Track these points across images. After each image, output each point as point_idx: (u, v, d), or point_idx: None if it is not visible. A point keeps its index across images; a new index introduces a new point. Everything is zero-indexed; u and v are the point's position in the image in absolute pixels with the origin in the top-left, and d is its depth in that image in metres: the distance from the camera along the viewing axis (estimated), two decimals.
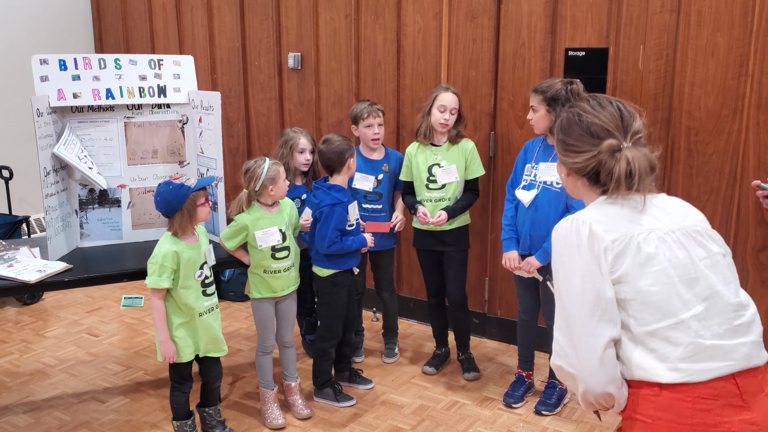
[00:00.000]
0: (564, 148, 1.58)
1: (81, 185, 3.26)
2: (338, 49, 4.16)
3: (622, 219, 1.49)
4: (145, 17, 5.07)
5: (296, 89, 4.41)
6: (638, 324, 1.45)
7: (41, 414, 3.16)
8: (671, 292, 1.44)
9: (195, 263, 2.71)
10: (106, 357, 3.76)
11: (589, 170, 1.54)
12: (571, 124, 1.57)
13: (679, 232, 1.50)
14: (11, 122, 4.87)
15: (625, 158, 1.49)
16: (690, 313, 1.44)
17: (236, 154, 4.74)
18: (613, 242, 1.45)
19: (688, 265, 1.47)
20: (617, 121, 1.54)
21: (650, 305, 1.44)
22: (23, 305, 4.51)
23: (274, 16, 4.38)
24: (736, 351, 1.45)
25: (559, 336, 1.51)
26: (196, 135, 3.32)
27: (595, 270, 1.45)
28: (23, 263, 2.91)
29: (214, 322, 2.79)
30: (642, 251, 1.45)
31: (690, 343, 1.43)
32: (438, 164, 3.28)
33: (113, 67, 3.23)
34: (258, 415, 3.11)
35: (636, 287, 1.45)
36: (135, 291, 4.64)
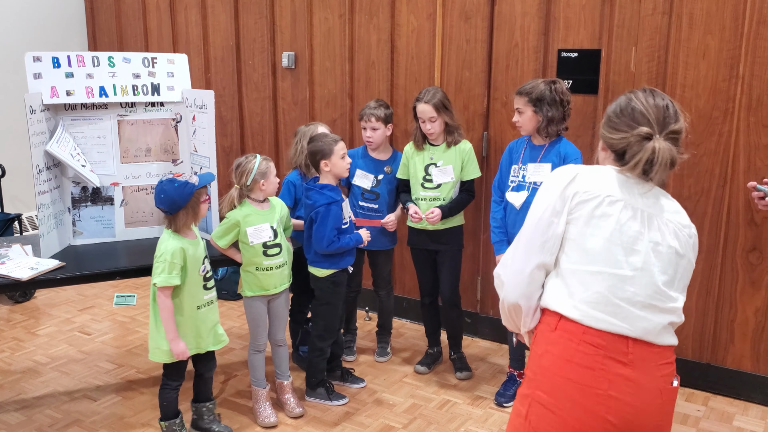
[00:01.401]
0: (607, 123, 1.70)
1: (74, 183, 3.25)
2: (332, 48, 4.17)
3: (606, 182, 1.63)
4: (138, 15, 5.07)
5: (290, 88, 4.41)
6: (567, 261, 1.63)
7: (33, 412, 3.15)
8: (607, 248, 1.59)
9: (198, 259, 2.73)
10: (98, 355, 3.76)
11: (618, 148, 1.66)
12: (621, 104, 1.69)
13: (648, 214, 1.62)
14: (3, 120, 4.86)
15: (652, 148, 1.59)
16: (614, 270, 1.58)
17: (230, 153, 4.74)
18: (585, 192, 1.62)
19: (635, 238, 1.59)
20: (660, 114, 1.63)
21: (583, 248, 1.60)
22: (15, 303, 4.49)
23: (269, 15, 4.38)
24: (638, 321, 1.57)
25: (510, 248, 1.74)
26: (190, 133, 3.32)
27: (558, 207, 1.63)
28: (15, 260, 2.91)
29: (213, 314, 2.81)
30: (601, 207, 1.60)
31: (600, 292, 1.57)
32: (434, 164, 3.30)
33: (107, 65, 3.23)
34: (250, 413, 3.12)
35: (581, 231, 1.61)
36: (127, 289, 4.64)
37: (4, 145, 4.83)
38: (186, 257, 2.68)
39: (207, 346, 2.80)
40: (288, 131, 4.38)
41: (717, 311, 3.27)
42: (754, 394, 3.25)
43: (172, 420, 2.85)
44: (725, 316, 3.26)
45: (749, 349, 3.23)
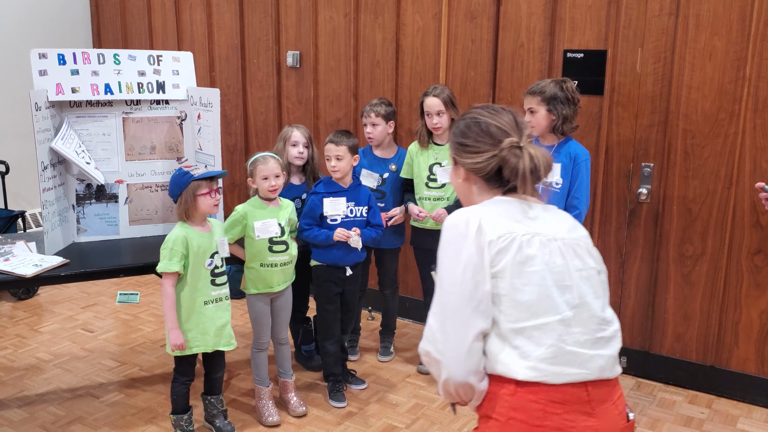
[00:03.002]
0: (463, 150, 1.61)
1: (78, 180, 3.25)
2: (337, 48, 4.17)
3: (511, 219, 1.53)
4: (144, 13, 5.07)
5: (294, 87, 4.41)
6: (507, 320, 1.48)
7: (35, 409, 3.15)
8: (543, 294, 1.48)
9: (205, 251, 2.73)
10: (100, 353, 3.76)
11: (489, 169, 1.57)
12: (469, 126, 1.61)
13: (561, 241, 1.54)
14: (8, 117, 4.86)
15: (528, 153, 1.54)
16: (557, 317, 1.47)
17: (234, 152, 4.74)
18: (498, 238, 1.49)
19: (563, 272, 1.50)
20: (513, 122, 1.59)
21: (521, 303, 1.47)
22: (18, 300, 4.49)
23: (274, 14, 4.38)
24: (593, 361, 1.49)
25: (433, 321, 1.53)
26: (195, 131, 3.32)
27: (477, 262, 1.48)
28: (19, 257, 2.91)
29: (221, 313, 2.79)
30: (523, 251, 1.48)
31: (552, 345, 1.46)
32: (439, 163, 3.29)
33: (112, 63, 3.23)
34: (253, 411, 3.11)
35: (511, 284, 1.47)
36: (131, 287, 4.63)
37: (8, 142, 4.84)
38: (189, 246, 2.69)
39: (215, 346, 2.79)
40: None
41: (721, 313, 3.26)
42: (758, 396, 3.24)
43: (180, 415, 2.85)
44: (730, 319, 3.25)
45: (754, 352, 3.22)
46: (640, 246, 3.40)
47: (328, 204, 3.08)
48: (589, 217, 3.37)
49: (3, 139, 4.83)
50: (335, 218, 3.09)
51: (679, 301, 3.35)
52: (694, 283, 3.30)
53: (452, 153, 1.67)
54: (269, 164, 2.94)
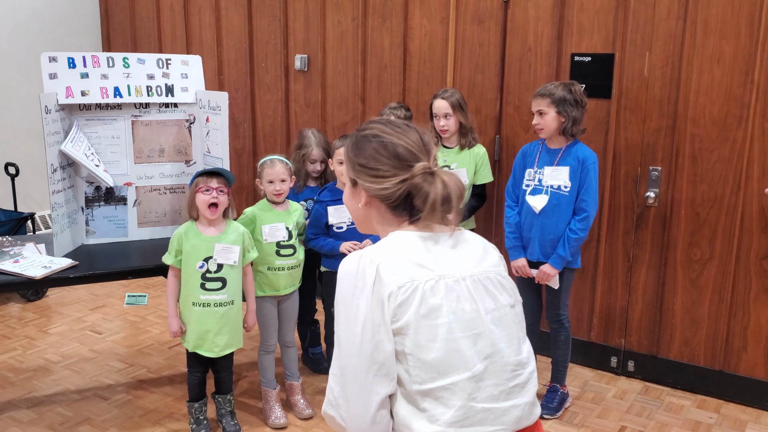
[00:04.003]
0: (367, 173, 1.41)
1: (87, 183, 3.27)
2: (345, 51, 4.18)
3: (414, 261, 1.35)
4: (153, 17, 5.10)
5: (302, 91, 4.43)
6: (412, 381, 1.31)
7: (44, 409, 3.17)
8: (451, 349, 1.31)
9: (198, 253, 2.74)
10: (109, 354, 3.77)
11: (397, 196, 1.39)
12: (373, 146, 1.41)
13: (470, 279, 1.37)
14: (18, 119, 4.89)
15: (441, 181, 1.37)
16: (467, 374, 1.32)
17: (242, 155, 4.76)
18: (398, 288, 1.30)
19: (474, 319, 1.34)
20: (420, 143, 1.41)
21: (427, 363, 1.30)
22: (27, 302, 4.52)
23: (282, 18, 4.40)
24: (508, 414, 1.36)
25: (334, 384, 1.36)
26: (203, 134, 3.34)
27: (377, 318, 1.30)
28: (29, 259, 2.93)
29: (206, 319, 2.77)
30: (426, 302, 1.31)
31: (462, 406, 1.31)
32: (447, 166, 3.30)
33: (121, 66, 3.25)
34: (260, 414, 3.12)
35: (416, 341, 1.30)
36: (139, 289, 4.66)
37: (18, 144, 4.87)
38: (182, 244, 2.76)
39: (195, 348, 2.82)
40: None
41: (730, 318, 3.25)
42: (767, 401, 3.23)
43: (192, 402, 2.94)
44: (738, 323, 3.24)
45: (762, 357, 3.21)
46: (648, 250, 3.39)
47: (333, 212, 3.09)
48: (596, 221, 3.37)
49: (13, 142, 4.86)
50: (341, 226, 3.10)
51: (687, 305, 3.34)
52: (702, 288, 3.29)
53: (351, 174, 1.46)
54: (276, 168, 2.95)
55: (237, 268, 2.79)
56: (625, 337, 3.53)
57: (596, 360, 3.63)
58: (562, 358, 3.19)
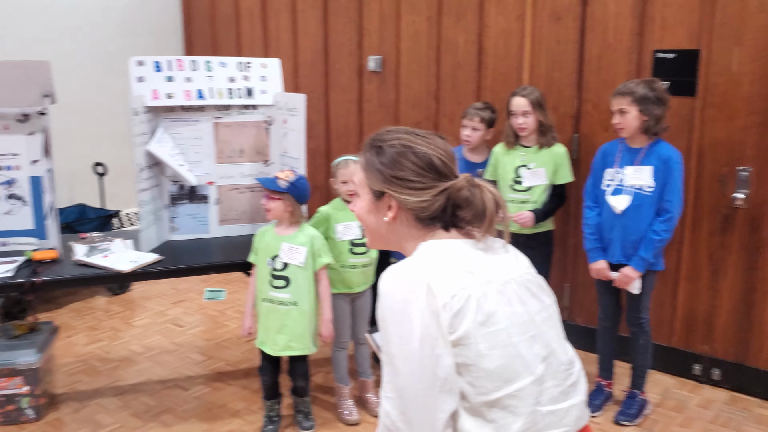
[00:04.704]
0: (404, 185, 1.37)
1: (172, 181, 3.40)
2: (419, 51, 4.19)
3: (460, 269, 1.30)
4: (232, 21, 5.25)
5: (376, 91, 4.46)
6: (477, 393, 1.26)
7: (129, 398, 3.32)
8: (512, 354, 1.27)
9: (269, 251, 2.85)
10: (189, 347, 3.91)
11: (436, 207, 1.36)
12: (405, 155, 1.37)
13: (514, 282, 1.35)
14: (107, 121, 5.10)
15: (488, 191, 1.36)
16: (531, 378, 1.29)
17: (316, 155, 4.84)
18: (452, 297, 1.25)
19: (527, 322, 1.31)
20: (449, 152, 1.41)
21: (491, 371, 1.25)
22: (113, 295, 4.74)
23: (357, 19, 4.45)
24: (569, 415, 1.33)
25: (390, 408, 1.27)
26: (281, 135, 3.42)
27: (434, 332, 1.23)
28: (117, 254, 3.07)
29: (272, 316, 2.85)
30: (482, 308, 1.26)
31: (530, 412, 1.28)
32: (526, 165, 3.26)
33: (204, 69, 3.36)
34: (333, 409, 3.17)
35: (477, 350, 1.25)
36: (218, 285, 4.80)
37: (106, 145, 5.09)
38: (259, 242, 2.90)
39: (261, 344, 2.91)
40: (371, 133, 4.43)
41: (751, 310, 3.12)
42: None
43: (265, 401, 3.01)
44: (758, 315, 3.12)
45: None
46: (735, 253, 3.24)
47: None
48: (679, 223, 3.25)
49: (102, 143, 5.09)
50: None
51: None
52: None
53: (379, 186, 1.40)
54: (349, 168, 2.99)
55: (304, 271, 2.83)
56: (710, 344, 3.39)
57: (678, 366, 3.50)
58: (642, 363, 3.09)
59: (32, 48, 4.63)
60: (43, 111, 3.02)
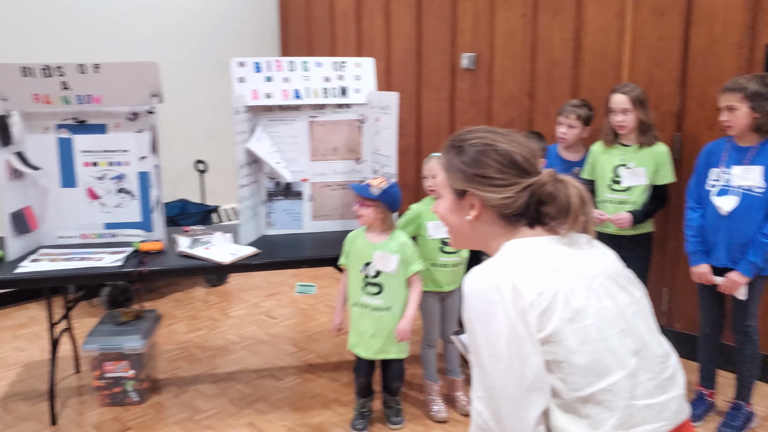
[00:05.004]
0: (486, 183, 1.37)
1: (269, 178, 3.52)
2: (513, 48, 4.14)
3: (545, 266, 1.30)
4: (327, 22, 5.36)
5: (468, 89, 4.44)
6: (569, 389, 1.25)
7: (225, 385, 3.46)
8: (603, 349, 1.26)
9: (361, 257, 2.87)
10: (282, 338, 4.04)
11: (520, 204, 1.36)
12: (487, 154, 1.38)
13: (602, 276, 1.33)
14: (208, 120, 5.33)
15: (574, 186, 1.36)
16: (624, 372, 1.27)
17: (406, 153, 4.86)
18: (538, 296, 1.25)
19: (617, 316, 1.30)
20: (531, 149, 1.40)
21: (582, 367, 1.25)
22: (211, 287, 4.95)
23: (450, 17, 4.44)
24: (667, 409, 1.30)
25: (482, 408, 1.28)
26: (373, 134, 3.46)
27: (521, 331, 1.24)
28: (218, 246, 3.21)
29: (364, 320, 2.89)
30: (570, 305, 1.26)
31: (626, 406, 1.26)
32: (625, 165, 3.16)
33: (301, 69, 3.45)
34: (422, 406, 3.18)
35: (567, 347, 1.25)
36: (308, 279, 4.90)
37: (207, 143, 5.32)
38: (350, 246, 2.94)
39: (353, 347, 2.95)
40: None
41: None
42: None
43: (358, 397, 3.07)
44: None
45: None
46: None
47: None
48: None
49: (204, 141, 5.32)
50: None
51: None
52: None
53: (461, 185, 1.41)
54: (430, 164, 3.01)
55: (396, 277, 2.85)
56: None
57: None
58: (748, 374, 2.93)
59: (138, 49, 4.89)
60: (151, 110, 3.20)
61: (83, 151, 3.29)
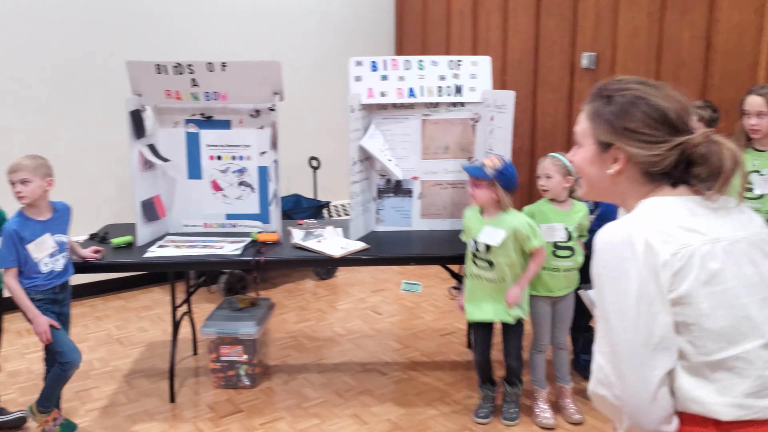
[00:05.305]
0: (635, 138, 1.31)
1: (380, 175, 3.57)
2: (637, 48, 3.97)
3: (682, 226, 1.25)
4: (443, 22, 5.37)
5: (587, 89, 4.27)
6: (699, 353, 1.22)
7: (331, 376, 3.54)
8: (739, 315, 1.21)
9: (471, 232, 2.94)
10: (387, 334, 4.08)
11: (668, 163, 1.30)
12: (637, 106, 1.32)
13: (745, 241, 1.27)
14: (324, 118, 5.46)
15: (728, 148, 1.28)
16: (760, 342, 1.22)
17: (519, 154, 4.78)
18: (672, 255, 1.21)
19: (758, 283, 1.24)
20: (684, 105, 1.33)
21: (714, 332, 1.21)
22: (320, 280, 5.09)
23: (571, 16, 4.33)
24: None
25: (604, 362, 1.26)
26: (487, 133, 3.43)
27: (652, 290, 1.20)
28: (329, 240, 3.29)
29: (478, 290, 2.94)
30: (706, 267, 1.21)
31: (759, 376, 1.21)
32: (758, 171, 2.96)
33: (416, 68, 3.48)
34: (529, 411, 3.12)
35: (698, 310, 1.21)
36: (414, 277, 4.94)
37: (320, 140, 5.46)
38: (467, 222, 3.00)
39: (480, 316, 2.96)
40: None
41: None
42: None
43: (480, 386, 3.11)
44: None
45: None
46: None
47: None
48: None
49: (318, 138, 5.46)
50: None
51: None
52: None
53: (607, 138, 1.35)
54: (543, 164, 2.97)
55: (506, 254, 2.84)
56: None
57: None
58: None
59: (257, 49, 5.10)
60: (272, 107, 3.33)
61: (209, 145, 3.48)
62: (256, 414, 3.16)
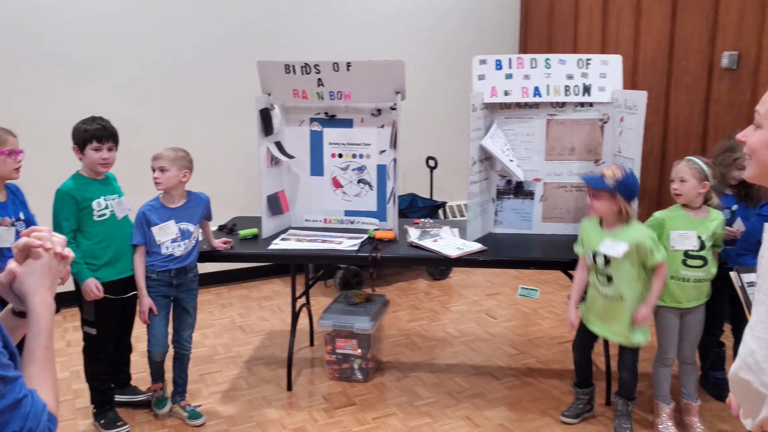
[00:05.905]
0: None
1: (500, 176, 3.51)
2: None
3: None
4: (570, 20, 5.20)
5: (727, 91, 4.02)
6: None
7: (443, 376, 3.52)
8: None
9: (590, 244, 2.85)
10: (501, 338, 4.01)
11: None
12: None
13: None
14: (443, 117, 5.45)
15: None
16: None
17: (648, 158, 4.53)
18: None
19: None
20: None
21: None
22: (433, 280, 5.08)
23: (711, 13, 4.05)
24: None
25: (757, 347, 1.15)
26: (616, 134, 3.29)
27: None
28: (445, 240, 3.28)
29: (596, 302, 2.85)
30: None
31: None
32: None
33: (543, 67, 3.38)
34: (650, 427, 2.96)
35: None
36: (531, 283, 4.84)
37: (438, 140, 5.45)
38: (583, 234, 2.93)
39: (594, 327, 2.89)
40: (719, 137, 4.00)
41: None
42: None
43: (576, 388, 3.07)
44: None
45: None
46: None
47: None
48: None
49: (436, 138, 5.46)
50: None
51: None
52: None
53: None
54: (677, 167, 2.83)
55: (626, 268, 2.72)
56: None
57: None
58: None
59: (379, 48, 5.16)
60: (394, 106, 3.35)
61: (331, 143, 3.56)
62: (368, 408, 3.20)
